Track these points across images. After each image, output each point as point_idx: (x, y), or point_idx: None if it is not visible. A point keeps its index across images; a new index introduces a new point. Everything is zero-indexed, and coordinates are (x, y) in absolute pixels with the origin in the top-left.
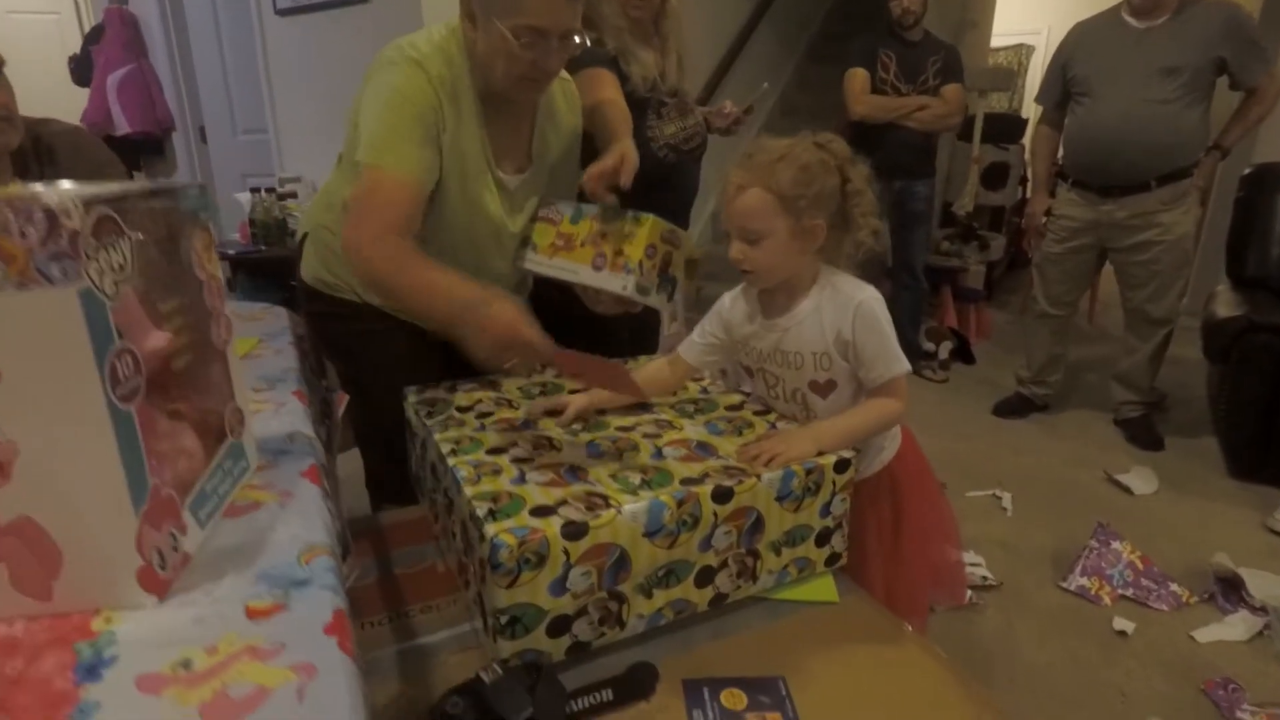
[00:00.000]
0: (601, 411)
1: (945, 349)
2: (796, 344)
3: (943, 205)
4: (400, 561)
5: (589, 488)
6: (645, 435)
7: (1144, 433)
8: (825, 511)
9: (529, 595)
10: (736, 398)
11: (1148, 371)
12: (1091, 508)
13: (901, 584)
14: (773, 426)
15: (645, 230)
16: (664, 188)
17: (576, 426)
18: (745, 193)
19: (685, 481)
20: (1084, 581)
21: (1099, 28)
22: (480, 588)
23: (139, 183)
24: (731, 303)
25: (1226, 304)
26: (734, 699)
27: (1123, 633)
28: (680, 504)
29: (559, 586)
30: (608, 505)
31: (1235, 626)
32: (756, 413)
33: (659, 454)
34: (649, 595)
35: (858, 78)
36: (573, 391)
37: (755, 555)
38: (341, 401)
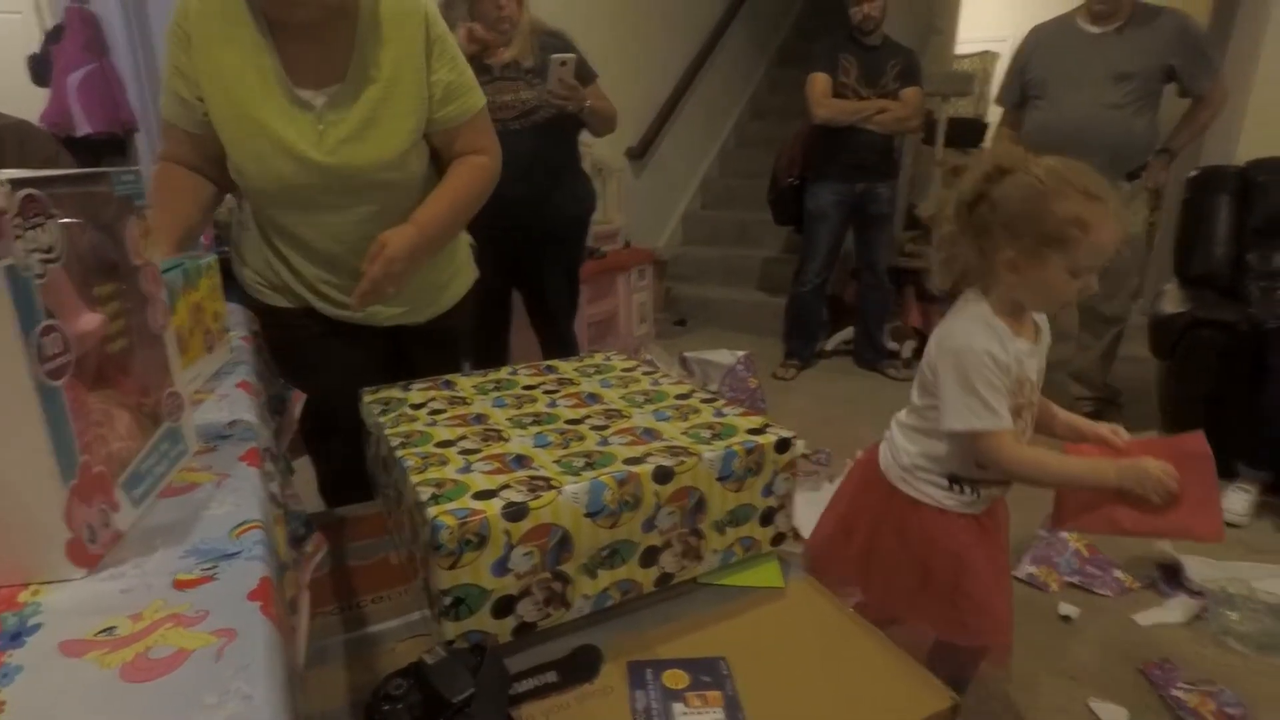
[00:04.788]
0: (554, 405)
1: (909, 348)
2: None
3: (907, 208)
4: (354, 555)
5: (533, 473)
6: (594, 427)
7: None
8: (768, 491)
9: (471, 576)
10: (685, 387)
11: (1101, 368)
12: (1043, 499)
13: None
14: (719, 414)
15: None
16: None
17: (526, 419)
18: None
19: (627, 463)
20: (1033, 569)
21: (1055, 32)
22: (426, 572)
23: (73, 170)
24: (995, 347)
25: (1173, 301)
26: (676, 679)
27: (1068, 618)
28: (621, 484)
29: (501, 567)
30: (549, 487)
31: (1174, 610)
32: (704, 400)
33: (605, 442)
34: (593, 576)
35: (819, 82)
36: None
37: (699, 535)
38: (298, 400)
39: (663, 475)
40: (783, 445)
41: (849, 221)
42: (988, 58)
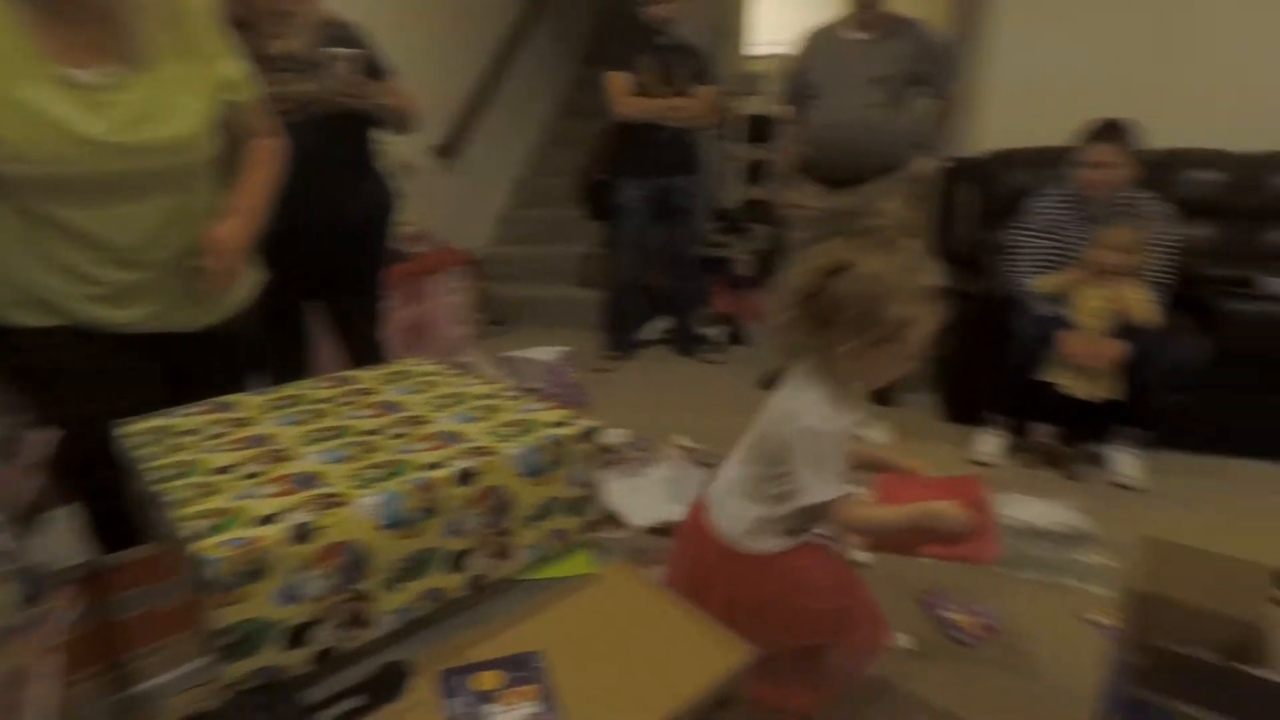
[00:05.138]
0: (350, 417)
1: (721, 333)
2: None
3: (711, 200)
4: (125, 605)
5: (322, 490)
6: (393, 436)
7: (879, 392)
8: (575, 481)
9: (254, 610)
10: (491, 387)
11: None
12: None
13: None
14: (523, 410)
15: None
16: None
17: (318, 435)
18: None
19: (425, 469)
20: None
21: (825, 38)
22: (204, 612)
23: None
24: (840, 425)
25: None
26: (489, 681)
27: (864, 564)
28: (420, 491)
29: (288, 595)
30: (340, 503)
31: None
32: (509, 398)
33: (404, 450)
34: (397, 589)
35: (617, 81)
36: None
37: (508, 533)
38: (36, 441)
39: (464, 477)
40: (585, 435)
41: (655, 214)
42: (775, 60)
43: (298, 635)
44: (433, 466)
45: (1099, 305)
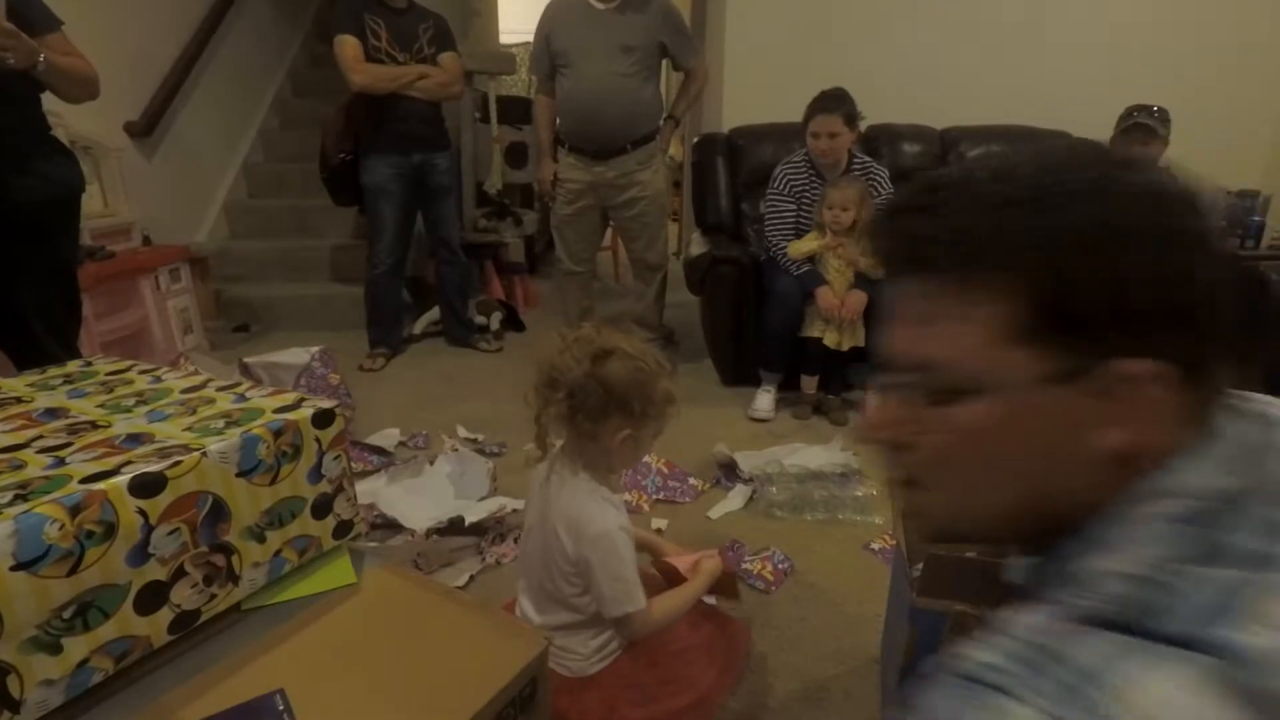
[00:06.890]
0: None
1: (496, 320)
2: None
3: (476, 185)
4: None
5: None
6: (44, 450)
7: None
8: (316, 476)
9: None
10: (197, 379)
11: (655, 310)
12: None
13: None
14: (240, 399)
15: None
16: None
17: None
18: None
19: (89, 481)
20: (626, 496)
21: (569, 7)
22: None
23: None
24: (622, 519)
25: (698, 245)
26: None
27: (659, 530)
28: (76, 512)
29: None
30: None
31: (735, 499)
32: (222, 389)
33: (59, 463)
34: (55, 650)
35: (348, 45)
36: None
37: (227, 550)
38: None
39: (148, 486)
40: (323, 418)
41: (412, 195)
42: (531, 45)
43: None
44: (100, 477)
45: (839, 261)
